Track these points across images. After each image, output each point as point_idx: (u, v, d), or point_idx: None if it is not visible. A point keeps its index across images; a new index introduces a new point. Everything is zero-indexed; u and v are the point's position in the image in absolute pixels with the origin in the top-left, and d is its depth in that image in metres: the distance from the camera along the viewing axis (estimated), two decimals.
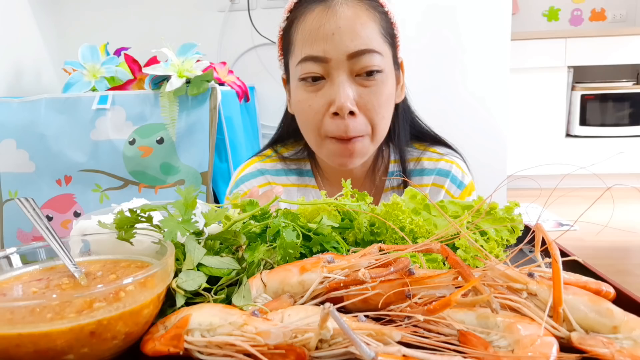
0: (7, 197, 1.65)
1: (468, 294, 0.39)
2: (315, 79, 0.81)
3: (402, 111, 0.94)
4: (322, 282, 0.43)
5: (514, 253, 0.46)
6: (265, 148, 1.03)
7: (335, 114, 0.79)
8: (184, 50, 1.57)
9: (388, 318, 0.41)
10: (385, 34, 0.83)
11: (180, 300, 0.45)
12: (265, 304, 0.44)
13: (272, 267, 0.50)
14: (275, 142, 1.02)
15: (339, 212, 0.60)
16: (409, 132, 0.96)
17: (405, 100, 0.95)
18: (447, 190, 0.93)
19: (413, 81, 0.97)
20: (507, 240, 0.57)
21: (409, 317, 0.39)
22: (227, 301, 0.46)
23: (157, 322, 0.43)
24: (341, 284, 0.43)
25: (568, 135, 3.91)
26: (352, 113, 0.79)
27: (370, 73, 0.80)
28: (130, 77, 1.66)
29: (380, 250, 0.46)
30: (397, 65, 0.89)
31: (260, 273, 0.47)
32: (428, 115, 1.01)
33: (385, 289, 0.42)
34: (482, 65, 2.02)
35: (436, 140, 0.98)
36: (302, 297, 0.44)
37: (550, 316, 0.38)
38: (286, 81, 0.93)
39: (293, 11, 0.85)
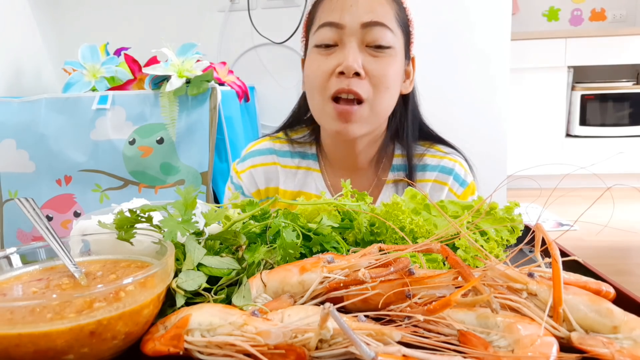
0: (7, 197, 1.65)
1: (468, 294, 0.39)
2: (329, 46, 0.86)
3: (412, 110, 0.97)
4: (322, 282, 0.43)
5: (514, 253, 0.46)
6: (277, 130, 1.06)
7: (342, 73, 0.83)
8: (184, 50, 1.57)
9: (388, 318, 0.41)
10: (400, 22, 0.87)
11: (180, 300, 0.45)
12: (265, 304, 0.44)
13: (272, 267, 0.50)
14: (287, 126, 1.05)
15: (339, 212, 0.60)
16: (417, 131, 0.98)
17: (415, 100, 0.98)
18: (450, 188, 0.95)
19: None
20: (507, 240, 0.57)
21: (409, 317, 0.39)
22: (227, 301, 0.46)
23: (157, 322, 0.43)
24: (341, 284, 0.43)
25: (568, 135, 3.91)
26: (357, 75, 0.83)
27: (379, 47, 0.84)
28: (130, 77, 1.66)
29: (380, 250, 0.46)
30: (409, 58, 0.93)
31: (260, 273, 0.47)
32: (428, 115, 1.01)
33: (385, 289, 0.42)
34: (482, 65, 2.02)
35: (440, 141, 1.00)
36: (302, 297, 0.44)
37: (550, 316, 0.38)
38: (304, 61, 0.96)
39: None
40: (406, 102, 0.95)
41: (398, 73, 0.88)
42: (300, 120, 1.03)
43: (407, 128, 0.96)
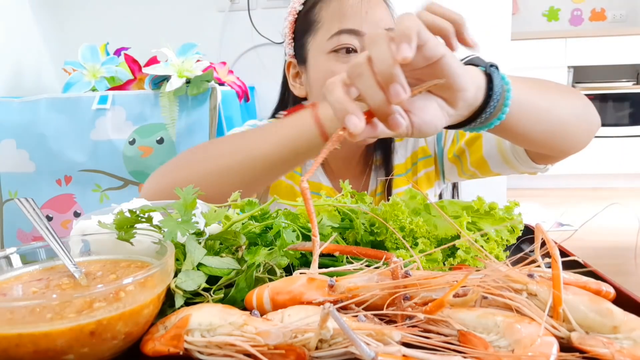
0: (7, 197, 1.65)
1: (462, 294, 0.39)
2: (349, 51, 0.85)
3: None
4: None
5: (518, 259, 0.45)
6: (273, 116, 1.06)
7: None
8: (184, 50, 1.57)
9: (388, 318, 0.41)
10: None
11: (179, 301, 0.45)
12: None
13: (272, 268, 0.50)
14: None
15: (338, 212, 0.60)
16: None
17: None
18: None
19: None
20: (507, 240, 0.57)
21: (410, 318, 0.39)
22: (226, 301, 0.46)
23: (157, 322, 0.43)
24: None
25: None
26: None
27: None
28: (130, 77, 1.66)
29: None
30: None
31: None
32: None
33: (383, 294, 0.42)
34: None
35: None
36: None
37: (550, 316, 0.38)
38: (291, 65, 0.96)
39: None
40: None
41: None
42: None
43: None
